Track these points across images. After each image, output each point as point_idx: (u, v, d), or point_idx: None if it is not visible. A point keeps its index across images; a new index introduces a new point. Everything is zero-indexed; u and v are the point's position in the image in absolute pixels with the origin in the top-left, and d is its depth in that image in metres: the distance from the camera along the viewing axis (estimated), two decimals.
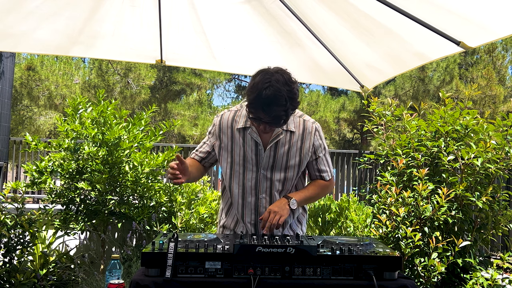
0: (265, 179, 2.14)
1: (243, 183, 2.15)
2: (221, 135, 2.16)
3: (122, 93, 15.04)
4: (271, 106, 1.88)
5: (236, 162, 2.15)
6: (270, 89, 1.87)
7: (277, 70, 1.95)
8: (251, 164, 2.13)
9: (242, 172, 2.15)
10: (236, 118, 2.15)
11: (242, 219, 2.18)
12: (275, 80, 1.89)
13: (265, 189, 2.14)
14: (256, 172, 2.13)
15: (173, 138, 17.30)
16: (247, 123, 2.10)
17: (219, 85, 22.27)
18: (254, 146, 2.11)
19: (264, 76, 1.91)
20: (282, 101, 1.88)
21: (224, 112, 2.20)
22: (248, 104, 1.94)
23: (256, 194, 2.15)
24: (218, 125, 2.18)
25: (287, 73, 1.96)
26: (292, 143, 2.13)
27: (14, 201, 3.84)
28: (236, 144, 2.14)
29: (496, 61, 17.11)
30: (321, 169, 2.23)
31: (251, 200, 2.16)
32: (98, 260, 4.16)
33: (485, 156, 3.61)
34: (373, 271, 1.67)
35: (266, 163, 2.12)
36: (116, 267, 1.79)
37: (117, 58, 4.19)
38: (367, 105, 4.41)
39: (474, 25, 2.36)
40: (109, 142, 3.87)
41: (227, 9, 3.13)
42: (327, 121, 17.11)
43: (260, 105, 1.89)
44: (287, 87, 1.90)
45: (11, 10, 3.00)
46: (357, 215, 4.30)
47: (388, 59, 3.13)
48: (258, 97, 1.88)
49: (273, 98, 1.87)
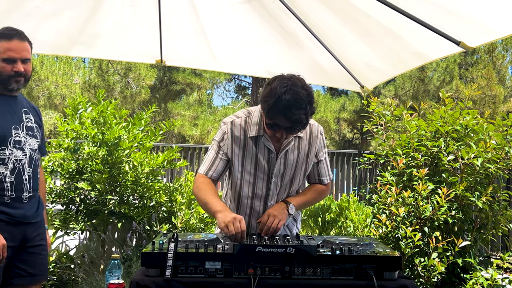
0: (275, 186, 2.12)
1: (253, 192, 2.13)
2: (234, 144, 2.10)
3: (122, 93, 15.04)
4: (292, 110, 1.85)
5: (247, 171, 2.11)
6: (289, 93, 1.84)
7: (292, 76, 1.93)
8: (262, 173, 2.10)
9: (253, 181, 2.12)
10: (248, 126, 2.09)
11: (248, 227, 2.14)
12: (292, 84, 1.87)
13: (273, 196, 2.14)
14: (267, 180, 2.11)
15: (173, 138, 17.30)
16: (260, 131, 2.06)
17: (219, 85, 22.31)
18: (267, 153, 2.09)
19: (281, 81, 1.88)
20: (303, 104, 1.86)
21: (233, 119, 2.12)
22: (266, 110, 1.90)
23: (265, 202, 2.14)
24: (230, 133, 2.09)
25: (302, 78, 1.94)
26: (301, 149, 2.12)
27: None
28: (249, 152, 2.09)
29: (496, 61, 17.11)
30: (321, 173, 2.22)
31: (260, 209, 2.14)
32: (98, 260, 4.16)
33: (485, 156, 3.61)
34: (373, 271, 1.67)
35: (277, 170, 2.10)
36: (116, 267, 1.79)
37: (117, 58, 4.20)
38: (367, 105, 4.41)
39: (474, 25, 2.36)
40: (109, 142, 3.87)
41: (227, 9, 3.14)
42: (327, 121, 17.11)
43: (280, 110, 1.86)
44: (305, 91, 1.89)
45: (11, 10, 3.00)
46: (357, 215, 4.30)
47: (388, 59, 3.14)
48: (278, 101, 1.84)
49: (293, 101, 1.84)
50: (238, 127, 2.09)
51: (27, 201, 2.26)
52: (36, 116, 2.41)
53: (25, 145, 2.27)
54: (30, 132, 2.32)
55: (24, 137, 2.28)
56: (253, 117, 2.10)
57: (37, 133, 2.37)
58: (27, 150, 2.28)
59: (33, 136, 2.33)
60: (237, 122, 2.10)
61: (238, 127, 2.09)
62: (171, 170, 6.29)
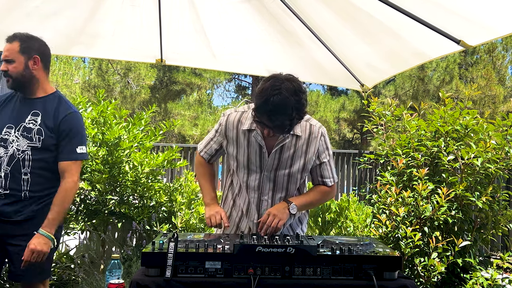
0: (268, 180, 2.14)
1: (247, 184, 2.17)
2: (227, 135, 2.16)
3: (122, 93, 15.05)
4: (276, 114, 1.86)
5: (241, 162, 2.15)
6: (278, 97, 1.85)
7: (288, 78, 1.93)
8: (255, 166, 2.13)
9: (246, 173, 2.16)
10: (242, 120, 2.13)
11: (241, 219, 2.22)
12: (284, 88, 1.87)
13: (267, 191, 2.15)
14: (260, 173, 2.13)
15: (173, 138, 17.30)
16: (253, 126, 2.09)
17: (219, 85, 22.29)
18: (258, 149, 2.11)
19: (274, 83, 1.89)
20: (288, 110, 1.87)
21: (231, 112, 2.19)
22: (254, 108, 1.94)
23: (259, 196, 2.16)
24: (224, 125, 2.16)
25: (298, 82, 1.94)
26: (298, 147, 2.12)
27: None
28: (241, 145, 2.13)
29: (496, 61, 17.12)
30: (324, 174, 2.21)
31: (254, 201, 2.17)
32: (98, 260, 4.16)
33: (485, 156, 3.61)
34: (373, 271, 1.67)
35: (270, 165, 2.12)
36: (116, 267, 1.79)
37: (117, 58, 4.20)
38: (367, 105, 4.41)
39: (474, 24, 2.36)
40: (109, 142, 3.87)
41: (227, 8, 3.13)
42: (327, 121, 17.13)
43: (266, 112, 1.88)
44: (296, 96, 1.88)
45: (11, 10, 3.00)
46: (357, 215, 4.30)
47: (388, 58, 3.13)
48: (265, 103, 1.86)
49: (280, 106, 1.85)
50: (233, 119, 2.16)
51: (4, 197, 2.31)
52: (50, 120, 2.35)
53: (11, 144, 2.29)
54: (26, 133, 2.32)
55: (15, 137, 2.29)
56: (249, 112, 2.13)
57: (37, 135, 2.34)
58: (11, 149, 2.30)
59: (27, 138, 2.32)
60: (233, 115, 2.17)
61: (232, 119, 2.16)
62: (171, 170, 6.29)
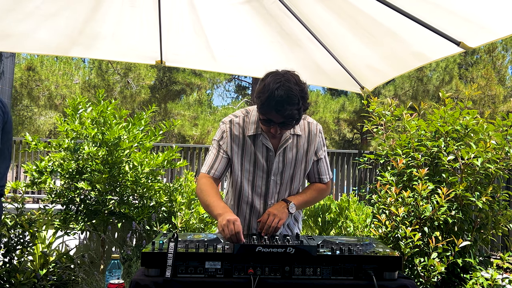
0: (275, 184, 2.14)
1: (253, 190, 2.15)
2: (232, 143, 2.13)
3: (122, 93, 15.04)
4: (284, 105, 1.87)
5: (246, 169, 2.13)
6: (282, 89, 1.87)
7: (286, 72, 1.96)
8: (261, 171, 2.12)
9: (252, 179, 2.14)
10: (246, 125, 2.12)
11: (249, 226, 2.18)
12: (286, 80, 1.90)
13: (273, 195, 2.15)
14: (266, 178, 2.13)
15: (173, 138, 17.29)
16: (258, 130, 2.09)
17: (219, 85, 22.31)
18: (265, 152, 2.11)
19: (274, 77, 1.91)
20: (295, 100, 1.89)
21: (232, 118, 2.15)
22: (260, 105, 1.94)
23: (265, 200, 2.15)
24: (229, 133, 2.12)
25: (296, 74, 1.97)
26: (299, 147, 2.14)
27: (14, 201, 3.85)
28: (247, 151, 2.12)
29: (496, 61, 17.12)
30: (320, 171, 2.23)
31: (260, 208, 2.16)
32: (98, 260, 4.16)
33: (485, 156, 3.61)
34: (373, 271, 1.67)
35: (276, 168, 2.12)
36: (116, 267, 1.79)
37: (117, 59, 4.20)
38: (367, 105, 4.42)
39: (474, 25, 2.36)
40: (109, 142, 3.87)
41: (227, 10, 3.13)
42: (327, 121, 17.12)
43: (273, 105, 1.89)
44: (298, 86, 1.91)
45: (11, 10, 3.00)
46: (357, 215, 4.31)
47: (388, 60, 3.13)
48: (271, 97, 1.87)
49: (286, 97, 1.87)
50: (237, 126, 2.12)
51: None
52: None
53: None
54: None
55: None
56: (251, 116, 2.13)
57: None
58: None
59: None
60: (235, 121, 2.13)
61: (236, 126, 2.12)
62: (171, 170, 6.29)
